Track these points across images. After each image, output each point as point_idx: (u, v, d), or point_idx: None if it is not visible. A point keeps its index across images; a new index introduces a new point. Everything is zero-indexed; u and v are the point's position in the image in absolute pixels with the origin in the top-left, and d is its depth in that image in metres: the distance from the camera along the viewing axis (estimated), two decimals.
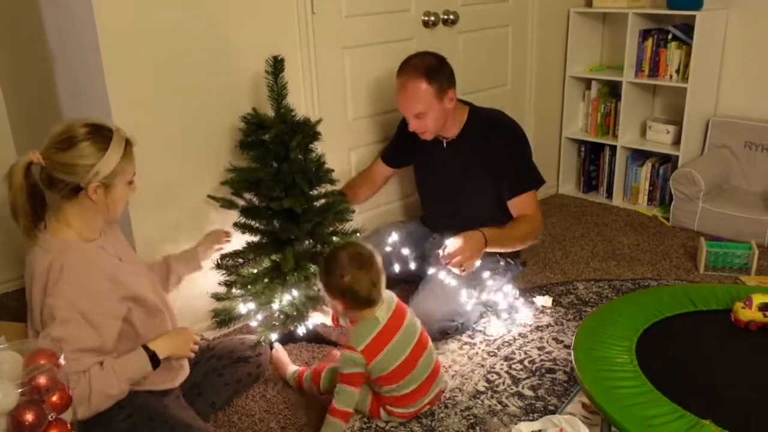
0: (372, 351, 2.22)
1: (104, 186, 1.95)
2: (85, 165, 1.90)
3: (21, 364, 1.75)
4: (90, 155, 1.91)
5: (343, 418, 2.23)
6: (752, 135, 3.97)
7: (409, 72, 2.83)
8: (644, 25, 4.07)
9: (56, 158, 1.90)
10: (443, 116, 2.90)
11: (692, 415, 1.83)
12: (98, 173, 1.92)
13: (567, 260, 3.59)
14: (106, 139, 1.94)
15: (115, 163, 1.94)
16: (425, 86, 2.80)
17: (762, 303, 2.27)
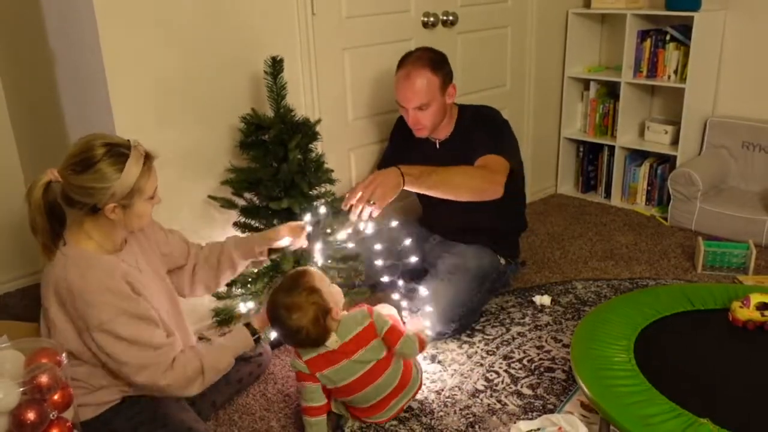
0: (317, 364, 2.20)
1: (122, 206, 1.93)
2: (100, 188, 1.87)
3: (23, 362, 1.76)
4: (105, 178, 1.87)
5: (307, 413, 2.24)
6: (750, 135, 3.97)
7: (413, 63, 2.81)
8: (642, 26, 4.08)
9: (72, 180, 1.88)
10: (442, 111, 2.89)
11: (690, 414, 1.83)
12: (114, 195, 1.89)
13: (565, 260, 3.59)
14: (122, 160, 1.89)
15: (131, 184, 1.91)
16: (430, 76, 2.78)
17: (759, 302, 2.28)
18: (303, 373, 2.21)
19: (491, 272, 3.02)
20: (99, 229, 1.98)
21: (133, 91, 2.51)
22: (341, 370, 2.21)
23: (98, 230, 1.98)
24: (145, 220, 2.05)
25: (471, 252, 2.99)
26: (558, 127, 4.48)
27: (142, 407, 2.05)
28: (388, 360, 2.28)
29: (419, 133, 2.94)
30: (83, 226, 1.97)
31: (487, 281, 3.00)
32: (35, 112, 3.12)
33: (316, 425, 2.24)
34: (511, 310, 3.07)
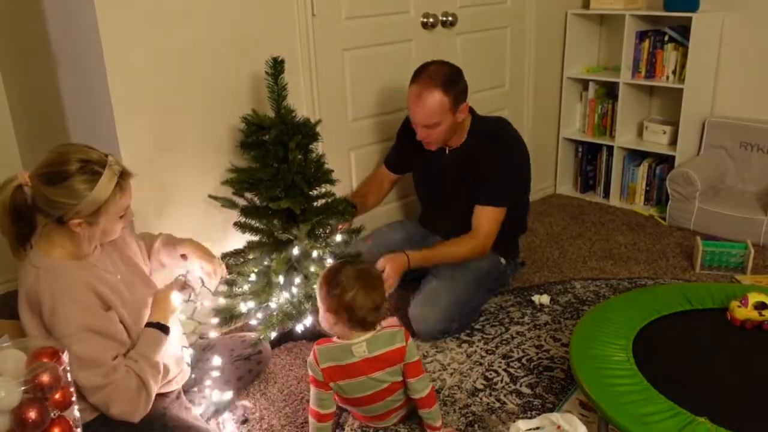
0: (333, 374, 2.15)
1: (88, 223, 1.89)
2: (66, 203, 1.84)
3: (24, 362, 1.75)
4: (74, 195, 1.83)
5: (315, 417, 2.19)
6: (748, 135, 3.97)
7: (426, 81, 2.74)
8: (641, 27, 4.08)
9: (41, 190, 1.85)
10: (453, 128, 2.85)
11: (688, 413, 1.84)
12: (79, 212, 1.85)
13: (564, 259, 3.59)
14: (95, 178, 1.85)
15: (99, 203, 1.87)
16: (441, 97, 2.72)
17: (758, 302, 2.28)
18: (316, 379, 2.17)
19: (491, 272, 3.02)
20: (66, 239, 1.93)
21: (135, 92, 2.51)
22: (356, 385, 2.17)
23: (66, 239, 1.93)
24: (113, 236, 2.02)
25: None
26: (557, 128, 4.48)
27: None
28: (402, 383, 2.23)
29: (428, 146, 2.92)
30: (51, 234, 1.93)
31: (487, 281, 3.00)
32: (37, 114, 3.12)
33: (321, 430, 2.21)
34: (510, 309, 3.07)
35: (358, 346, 2.14)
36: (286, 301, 2.66)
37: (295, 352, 2.78)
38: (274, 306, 2.67)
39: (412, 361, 2.18)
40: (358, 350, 2.14)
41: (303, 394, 2.51)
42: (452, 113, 2.78)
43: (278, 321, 2.65)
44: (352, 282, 2.12)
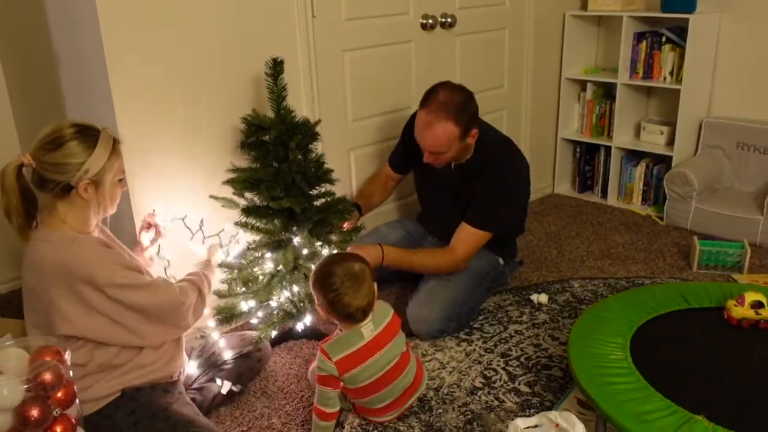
0: (347, 364, 2.17)
1: (94, 184, 1.96)
2: (74, 163, 1.92)
3: (26, 360, 1.76)
4: (78, 154, 1.92)
5: (319, 416, 2.20)
6: (744, 136, 3.97)
7: (437, 110, 2.65)
8: (638, 28, 4.08)
9: (45, 159, 1.91)
10: (460, 152, 2.81)
11: (685, 411, 1.84)
12: (87, 171, 1.93)
13: (563, 259, 3.59)
14: (93, 139, 1.96)
15: (103, 160, 1.96)
16: (451, 128, 2.65)
17: (754, 301, 2.28)
18: (329, 376, 2.17)
19: (489, 272, 3.02)
20: (72, 212, 1.99)
21: (136, 92, 2.51)
22: (370, 367, 2.20)
23: (71, 213, 1.99)
24: (113, 204, 2.09)
25: None
26: (555, 128, 4.48)
27: (143, 403, 2.05)
28: (407, 357, 2.30)
29: (436, 166, 2.87)
30: (56, 211, 1.99)
31: (485, 280, 3.00)
32: (39, 112, 3.12)
33: (326, 429, 2.22)
34: (509, 308, 3.07)
35: (366, 327, 2.21)
36: (287, 300, 2.66)
37: (296, 351, 2.78)
38: (274, 305, 2.67)
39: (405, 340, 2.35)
40: (366, 331, 2.21)
41: (303, 393, 2.51)
42: (461, 141, 2.72)
43: (279, 320, 2.65)
44: (337, 280, 2.16)
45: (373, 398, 2.27)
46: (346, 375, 2.18)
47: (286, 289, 2.64)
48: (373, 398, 2.27)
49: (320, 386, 2.19)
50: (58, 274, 1.92)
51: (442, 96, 2.68)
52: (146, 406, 2.05)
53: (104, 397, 2.03)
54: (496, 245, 3.02)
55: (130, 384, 2.06)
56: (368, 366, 2.20)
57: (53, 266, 1.93)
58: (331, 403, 2.20)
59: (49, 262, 1.93)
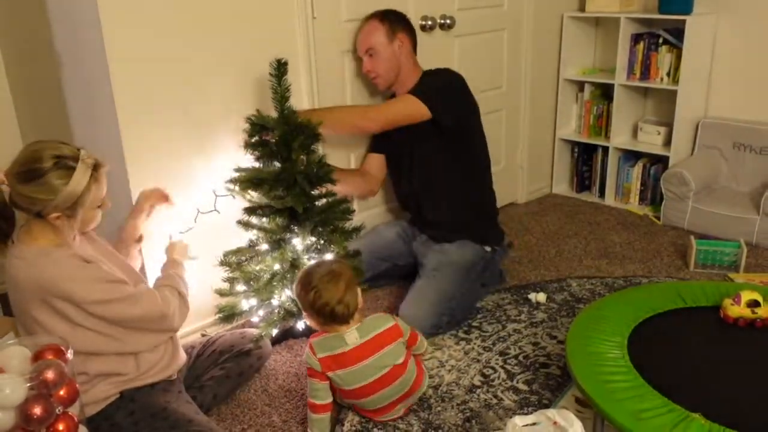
0: (330, 364, 2.19)
1: (66, 216, 1.92)
2: (43, 199, 1.86)
3: (29, 359, 1.76)
4: (50, 190, 1.86)
5: (310, 408, 2.22)
6: (741, 136, 3.97)
7: (369, 15, 3.03)
8: (636, 29, 4.07)
9: (17, 188, 1.87)
10: (394, 61, 3.00)
11: (682, 409, 1.84)
12: (57, 206, 1.88)
13: (560, 258, 3.59)
14: (69, 173, 1.88)
15: (75, 196, 1.90)
16: (377, 24, 2.97)
17: (750, 300, 2.28)
18: (313, 369, 2.20)
19: (477, 261, 3.02)
20: (47, 230, 1.94)
21: (138, 94, 2.51)
22: (355, 374, 2.20)
23: (47, 231, 1.94)
24: (92, 224, 2.06)
25: (453, 246, 3.03)
26: (553, 128, 4.48)
27: (143, 402, 2.05)
28: (404, 366, 2.27)
29: (374, 81, 3.06)
30: (32, 228, 1.95)
31: (473, 271, 3.00)
32: (42, 114, 3.11)
33: (318, 422, 2.22)
34: (507, 307, 3.07)
35: (350, 334, 2.21)
36: (288, 299, 2.66)
37: (296, 350, 2.78)
38: (275, 303, 2.67)
39: (410, 333, 2.33)
40: (350, 338, 2.20)
41: (303, 391, 2.51)
42: (389, 41, 2.98)
43: (280, 319, 2.65)
44: (318, 281, 2.20)
45: (364, 401, 2.27)
46: (330, 373, 2.19)
47: (287, 287, 2.64)
48: (364, 401, 2.27)
49: (310, 378, 2.22)
50: (35, 291, 1.90)
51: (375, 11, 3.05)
52: (146, 406, 2.05)
53: (103, 400, 2.03)
54: (478, 232, 3.05)
55: (129, 386, 2.06)
56: (354, 372, 2.20)
57: (29, 284, 1.90)
58: (320, 395, 2.21)
59: (25, 279, 1.90)
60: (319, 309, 2.18)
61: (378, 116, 2.98)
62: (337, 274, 2.22)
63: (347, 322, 2.21)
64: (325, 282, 2.19)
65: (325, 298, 2.17)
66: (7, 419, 1.68)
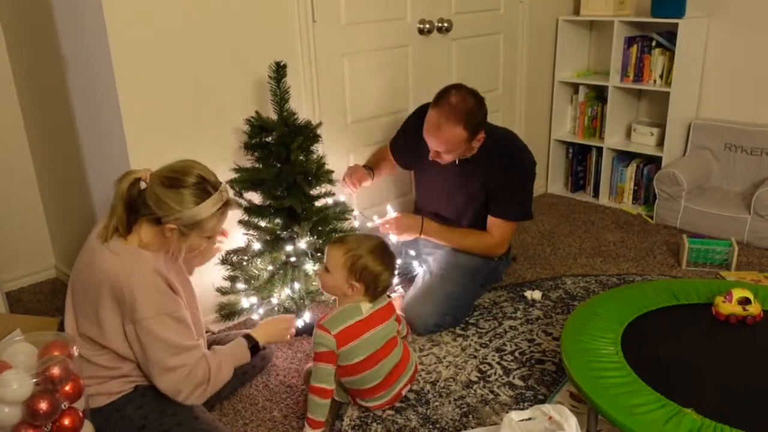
0: (345, 337, 2.21)
1: (180, 231, 1.97)
2: (171, 207, 1.93)
3: (36, 355, 1.76)
4: (180, 202, 1.94)
5: (319, 394, 2.20)
6: (732, 137, 3.97)
7: (448, 112, 2.66)
8: (629, 33, 4.08)
9: (155, 189, 1.95)
10: (465, 152, 2.81)
11: (675, 404, 1.84)
12: (179, 219, 1.95)
13: (556, 256, 3.59)
14: (204, 195, 1.97)
15: (198, 218, 1.97)
16: (460, 132, 2.67)
17: (741, 297, 2.28)
18: (328, 352, 2.20)
19: (482, 267, 3.02)
20: (151, 237, 2.00)
21: (142, 95, 2.50)
22: (363, 343, 2.24)
23: (150, 237, 2.00)
24: (193, 252, 2.12)
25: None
26: (548, 130, 4.48)
27: (152, 397, 2.06)
28: (395, 340, 2.37)
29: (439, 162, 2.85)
30: (140, 228, 2.00)
31: (478, 276, 3.00)
32: (48, 116, 3.11)
33: (324, 407, 2.21)
34: (503, 304, 3.07)
35: (364, 304, 2.29)
36: (287, 297, 2.67)
37: (296, 346, 2.78)
38: (275, 302, 2.67)
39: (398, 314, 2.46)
40: (365, 306, 2.28)
41: (304, 387, 2.51)
42: (467, 144, 2.74)
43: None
44: (373, 252, 2.26)
45: (364, 377, 2.28)
46: (343, 349, 2.21)
47: (287, 286, 2.64)
48: (363, 377, 2.28)
49: (320, 364, 2.21)
50: (111, 287, 1.92)
51: (453, 98, 2.68)
52: (156, 401, 2.05)
53: (117, 393, 2.04)
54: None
55: (145, 382, 2.07)
56: (362, 341, 2.24)
57: (110, 278, 1.92)
58: (330, 379, 2.22)
59: (109, 272, 1.93)
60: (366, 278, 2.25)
61: (500, 251, 3.03)
62: (390, 255, 2.32)
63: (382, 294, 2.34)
64: (379, 258, 2.26)
65: (384, 278, 2.28)
66: (14, 414, 1.68)
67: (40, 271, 3.48)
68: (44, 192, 3.38)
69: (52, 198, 3.35)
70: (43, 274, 3.49)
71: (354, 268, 2.24)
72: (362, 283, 2.25)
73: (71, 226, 3.24)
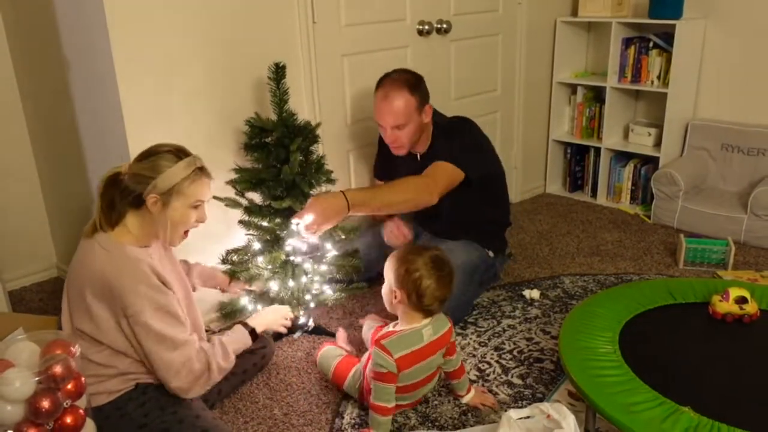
0: (405, 363, 2.14)
1: (162, 201, 1.96)
2: (146, 177, 1.94)
3: (38, 353, 1.76)
4: (154, 169, 1.95)
5: (380, 412, 2.14)
6: (729, 137, 3.98)
7: (391, 84, 2.76)
8: (627, 34, 4.08)
9: (133, 167, 1.97)
10: (419, 130, 2.83)
11: (672, 402, 1.84)
12: (156, 187, 1.94)
13: (554, 256, 3.59)
14: (176, 158, 1.98)
15: (174, 181, 1.96)
16: (408, 96, 2.74)
17: (738, 296, 2.29)
18: (389, 373, 2.11)
19: (480, 265, 3.02)
20: (139, 226, 2.01)
21: (144, 96, 2.51)
22: (422, 368, 2.19)
23: (137, 226, 2.01)
24: (178, 233, 2.07)
25: (459, 247, 2.98)
26: (547, 130, 4.48)
27: (153, 395, 2.06)
28: (438, 370, 2.31)
29: (397, 151, 2.88)
30: (126, 220, 2.00)
31: (476, 274, 3.00)
32: (50, 116, 3.11)
33: (386, 424, 2.17)
34: (502, 303, 3.08)
35: (427, 329, 2.18)
36: (287, 295, 2.67)
37: (297, 345, 2.78)
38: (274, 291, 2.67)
39: (453, 340, 2.30)
40: (426, 333, 2.18)
41: (304, 385, 2.51)
42: (418, 114, 2.78)
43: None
44: (429, 271, 2.13)
45: (403, 396, 2.25)
46: (402, 373, 2.14)
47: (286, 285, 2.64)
48: (402, 396, 2.25)
49: (380, 383, 2.13)
50: (102, 284, 1.93)
51: (393, 75, 2.81)
52: (156, 399, 2.05)
53: (118, 391, 2.04)
54: (486, 238, 3.03)
55: (145, 380, 2.07)
56: (417, 369, 2.18)
57: (100, 275, 1.93)
58: (392, 398, 2.15)
59: (98, 269, 1.93)
60: (418, 296, 2.12)
61: (434, 190, 2.70)
62: (445, 266, 2.18)
63: (432, 314, 2.20)
64: (430, 267, 2.13)
65: (431, 293, 2.12)
66: (16, 412, 1.68)
67: (42, 271, 3.48)
68: (46, 192, 3.38)
69: (53, 197, 3.36)
70: (45, 273, 3.49)
71: (398, 276, 2.15)
72: (403, 291, 2.14)
73: (73, 225, 3.24)
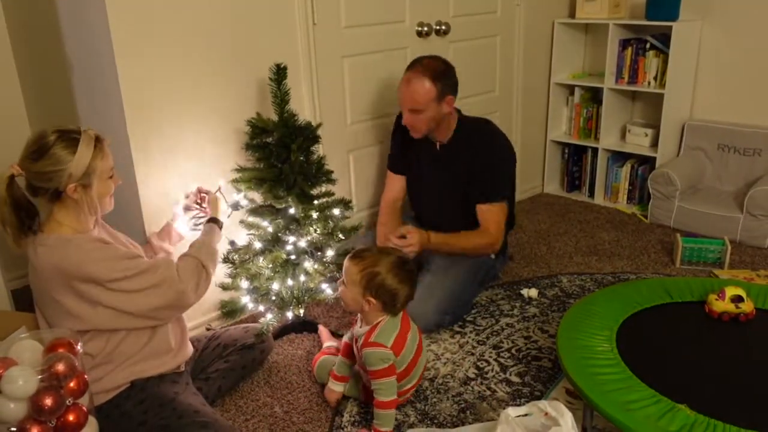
0: (398, 346, 2.19)
1: (82, 185, 1.93)
2: (57, 170, 1.88)
3: (41, 352, 1.76)
4: (60, 161, 1.88)
5: (388, 407, 2.17)
6: (725, 138, 3.98)
7: (418, 69, 2.78)
8: (624, 35, 4.08)
9: (32, 168, 1.89)
10: (437, 118, 2.83)
11: (669, 400, 1.84)
12: (71, 175, 1.90)
13: (552, 255, 3.59)
14: (74, 142, 1.91)
15: (86, 163, 1.91)
16: (429, 85, 2.75)
17: (734, 295, 2.28)
18: (387, 367, 2.16)
19: (482, 266, 3.02)
20: (67, 214, 1.96)
21: (146, 97, 2.50)
22: (408, 349, 2.24)
23: (67, 215, 1.96)
24: (107, 202, 2.05)
25: None
26: (544, 131, 4.48)
27: (151, 391, 2.06)
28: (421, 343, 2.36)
29: (413, 134, 2.90)
30: (53, 214, 1.96)
31: (478, 274, 3.00)
32: (53, 117, 3.11)
33: (393, 416, 2.20)
34: (500, 302, 3.08)
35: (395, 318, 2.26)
36: (287, 293, 2.67)
37: (297, 343, 2.78)
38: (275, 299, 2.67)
39: None
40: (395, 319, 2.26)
41: (304, 383, 2.52)
42: (437, 103, 2.78)
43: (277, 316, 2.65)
44: (400, 279, 2.18)
45: (406, 380, 2.29)
46: (397, 358, 2.19)
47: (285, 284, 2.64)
48: (405, 380, 2.28)
49: (384, 379, 2.16)
50: (57, 276, 1.91)
51: (425, 61, 2.82)
52: (155, 396, 2.05)
53: (114, 389, 2.03)
54: None
55: (140, 375, 2.06)
56: (409, 344, 2.25)
57: (52, 270, 1.91)
58: (395, 389, 2.20)
59: (48, 265, 1.91)
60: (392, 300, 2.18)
61: (497, 241, 2.92)
62: (410, 270, 2.23)
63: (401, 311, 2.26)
64: (399, 274, 2.18)
65: (403, 294, 2.19)
66: (20, 410, 1.68)
67: None
68: None
69: None
70: None
71: (370, 285, 2.17)
72: (379, 301, 2.18)
73: None
